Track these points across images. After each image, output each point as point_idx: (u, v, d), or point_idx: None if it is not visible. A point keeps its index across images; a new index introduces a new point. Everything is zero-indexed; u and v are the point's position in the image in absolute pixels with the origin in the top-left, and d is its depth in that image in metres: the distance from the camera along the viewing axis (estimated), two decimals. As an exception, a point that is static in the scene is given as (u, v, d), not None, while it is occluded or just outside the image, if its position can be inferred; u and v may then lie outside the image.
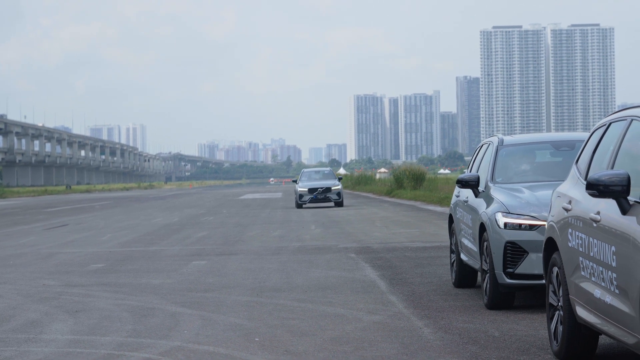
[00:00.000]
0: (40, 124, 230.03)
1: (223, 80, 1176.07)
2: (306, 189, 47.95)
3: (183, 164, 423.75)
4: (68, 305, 13.12)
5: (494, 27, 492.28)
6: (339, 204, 48.21)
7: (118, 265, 18.92)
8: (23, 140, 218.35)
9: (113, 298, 13.79)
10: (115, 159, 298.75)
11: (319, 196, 47.78)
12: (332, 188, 48.22)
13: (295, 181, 51.15)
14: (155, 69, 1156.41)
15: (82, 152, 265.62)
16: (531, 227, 11.23)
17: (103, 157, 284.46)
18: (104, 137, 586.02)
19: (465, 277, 13.79)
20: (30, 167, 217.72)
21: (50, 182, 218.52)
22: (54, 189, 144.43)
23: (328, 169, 53.28)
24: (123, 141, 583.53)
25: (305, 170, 52.22)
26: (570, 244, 8.20)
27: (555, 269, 8.62)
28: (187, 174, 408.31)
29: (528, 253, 11.20)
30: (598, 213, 7.54)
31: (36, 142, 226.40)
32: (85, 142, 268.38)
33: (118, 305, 13.01)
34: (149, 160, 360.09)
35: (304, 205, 48.38)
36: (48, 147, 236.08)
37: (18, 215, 49.95)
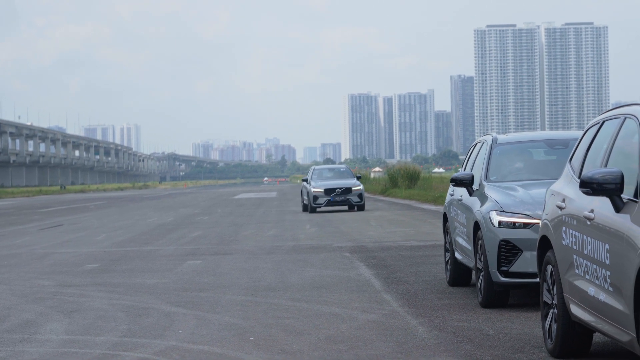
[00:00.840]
0: (29, 123, 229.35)
1: (217, 80, 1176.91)
2: (322, 190, 39.95)
3: (177, 163, 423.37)
4: (63, 306, 13.11)
5: (488, 26, 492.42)
6: (360, 207, 40.18)
7: (113, 265, 18.91)
8: (17, 141, 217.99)
9: (108, 298, 13.79)
10: (109, 159, 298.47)
11: (338, 198, 39.84)
12: (353, 189, 40.15)
13: (305, 180, 42.11)
14: (149, 69, 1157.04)
15: (77, 152, 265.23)
16: (525, 226, 11.24)
17: (97, 157, 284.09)
18: (98, 137, 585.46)
19: (459, 275, 13.80)
20: (25, 168, 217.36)
21: (44, 182, 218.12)
22: (48, 189, 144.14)
23: (344, 166, 45.91)
24: (117, 141, 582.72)
25: (316, 167, 44.33)
26: (564, 242, 8.21)
27: (550, 267, 8.63)
28: (181, 173, 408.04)
29: (522, 251, 11.21)
30: (592, 211, 7.55)
31: (30, 142, 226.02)
32: (80, 142, 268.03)
33: (113, 305, 13.01)
34: (143, 160, 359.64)
35: (317, 210, 40.74)
36: (42, 147, 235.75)
37: (12, 215, 49.89)
